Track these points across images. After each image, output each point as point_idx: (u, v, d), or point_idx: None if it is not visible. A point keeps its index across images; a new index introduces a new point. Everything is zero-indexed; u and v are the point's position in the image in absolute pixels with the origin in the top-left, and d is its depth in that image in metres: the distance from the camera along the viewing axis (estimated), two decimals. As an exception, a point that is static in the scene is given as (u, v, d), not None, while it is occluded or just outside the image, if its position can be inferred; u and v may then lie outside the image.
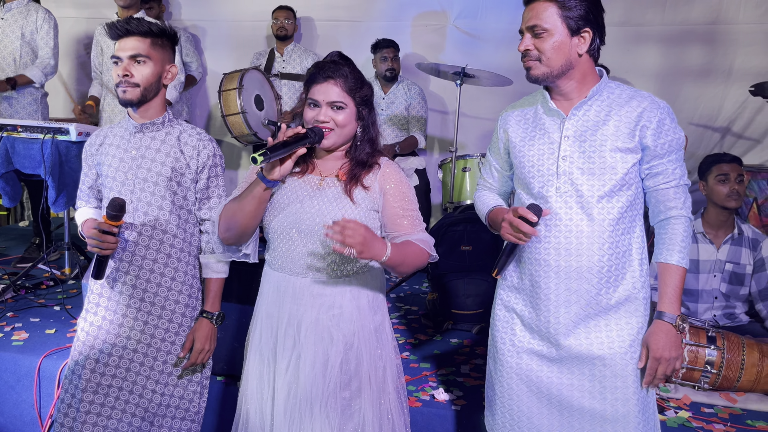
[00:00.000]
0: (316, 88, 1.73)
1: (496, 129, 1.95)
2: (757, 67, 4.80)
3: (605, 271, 1.72)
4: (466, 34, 5.19)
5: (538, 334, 1.79)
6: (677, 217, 1.74)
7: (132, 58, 1.94)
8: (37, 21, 4.07)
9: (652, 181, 1.75)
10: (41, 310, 3.35)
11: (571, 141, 1.73)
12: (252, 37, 5.30)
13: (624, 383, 1.73)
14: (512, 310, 1.84)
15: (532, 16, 1.70)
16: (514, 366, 1.81)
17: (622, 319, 1.74)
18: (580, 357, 1.74)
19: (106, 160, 2.05)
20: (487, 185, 2.01)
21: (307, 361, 1.74)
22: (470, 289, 3.30)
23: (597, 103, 1.74)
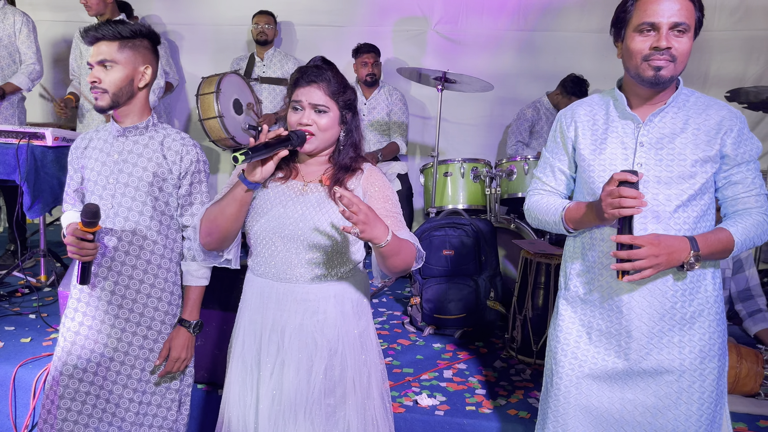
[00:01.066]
0: (300, 92, 1.72)
1: (559, 127, 1.84)
2: (732, 73, 4.90)
3: (680, 283, 1.67)
4: (447, 39, 5.22)
5: (605, 348, 1.73)
6: (757, 213, 1.66)
7: (100, 63, 1.91)
8: (15, 24, 4.00)
9: (731, 190, 1.69)
10: (16, 318, 3.28)
11: (647, 148, 1.67)
12: (232, 42, 5.28)
13: (690, 399, 1.69)
14: (576, 322, 1.77)
15: (678, 11, 1.57)
16: (575, 382, 1.75)
17: (696, 334, 1.69)
18: (649, 372, 1.70)
19: (89, 163, 2.02)
20: (546, 189, 1.87)
21: (291, 367, 1.73)
22: (452, 293, 3.30)
23: (674, 110, 1.69)
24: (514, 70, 5.13)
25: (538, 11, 5.09)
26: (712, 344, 1.70)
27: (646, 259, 1.54)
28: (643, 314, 1.68)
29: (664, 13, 1.57)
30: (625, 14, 1.66)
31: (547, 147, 1.89)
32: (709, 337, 1.69)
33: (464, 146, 5.21)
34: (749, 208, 1.67)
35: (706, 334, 1.69)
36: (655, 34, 1.59)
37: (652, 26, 1.59)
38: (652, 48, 1.59)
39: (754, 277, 3.06)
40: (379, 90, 4.75)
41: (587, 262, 1.76)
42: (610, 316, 1.72)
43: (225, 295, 2.62)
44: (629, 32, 1.65)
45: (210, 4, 5.26)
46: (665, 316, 1.67)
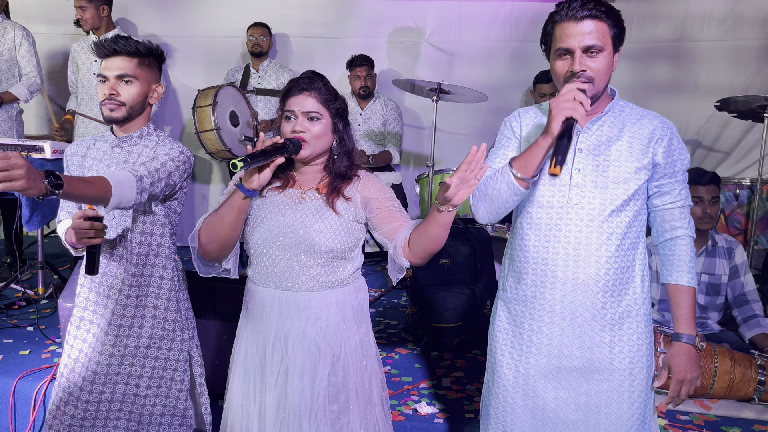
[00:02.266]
0: (292, 100, 1.76)
1: (506, 125, 1.89)
2: (721, 82, 4.98)
3: (611, 285, 1.72)
4: (440, 50, 5.27)
5: (536, 348, 1.77)
6: (683, 237, 1.76)
7: (119, 77, 1.96)
8: (15, 39, 4.04)
9: (660, 200, 1.77)
10: (14, 330, 3.28)
11: (585, 154, 1.73)
12: (225, 54, 5.30)
13: (620, 398, 1.73)
14: (512, 322, 1.82)
15: (589, 34, 1.64)
16: (511, 379, 1.79)
17: (625, 335, 1.74)
18: (580, 371, 1.74)
19: (88, 173, 2.05)
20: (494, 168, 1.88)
21: (295, 374, 1.75)
22: (449, 302, 3.33)
23: (610, 119, 1.76)
24: (507, 80, 5.19)
25: (529, 22, 5.15)
26: (641, 344, 1.76)
27: (684, 395, 1.74)
28: (574, 314, 1.73)
29: (576, 38, 1.64)
30: (547, 38, 1.75)
31: (495, 145, 1.89)
32: (637, 338, 1.75)
33: (458, 156, 5.24)
34: (674, 221, 1.76)
35: (635, 334, 1.75)
36: (570, 59, 1.67)
37: (566, 51, 1.67)
38: (568, 72, 1.67)
39: (749, 283, 3.09)
40: (374, 101, 4.79)
41: (517, 268, 1.81)
42: (541, 317, 1.76)
43: (224, 305, 2.64)
44: (552, 54, 1.74)
45: (204, 16, 5.29)
46: (596, 316, 1.73)
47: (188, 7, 5.29)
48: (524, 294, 1.79)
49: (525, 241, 1.79)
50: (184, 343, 2.11)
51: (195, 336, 2.17)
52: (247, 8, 5.17)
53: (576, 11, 1.65)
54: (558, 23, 1.69)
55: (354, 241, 1.79)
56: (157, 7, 5.31)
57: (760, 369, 2.66)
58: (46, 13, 5.26)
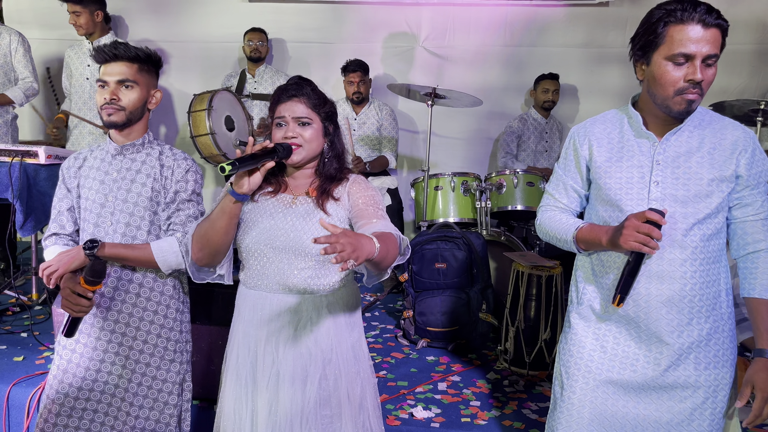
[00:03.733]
0: (281, 107, 1.77)
1: (572, 145, 1.83)
2: (716, 86, 4.91)
3: (696, 300, 1.66)
4: (435, 55, 5.29)
5: (620, 363, 1.72)
6: (767, 250, 1.69)
7: (119, 82, 1.96)
8: (10, 44, 4.05)
9: (741, 211, 1.69)
10: (8, 336, 3.26)
11: (663, 166, 1.66)
12: (221, 59, 5.31)
13: (702, 415, 1.70)
14: (591, 336, 1.76)
15: (713, 43, 1.53)
16: (589, 395, 1.74)
17: (711, 351, 1.69)
18: (664, 388, 1.70)
19: (86, 182, 2.04)
20: (559, 206, 1.87)
21: (287, 377, 1.74)
22: (445, 306, 3.33)
23: (689, 129, 1.68)
24: (501, 84, 5.21)
25: (523, 26, 5.18)
26: (725, 361, 1.70)
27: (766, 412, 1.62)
28: (660, 332, 1.67)
29: (699, 44, 1.52)
30: (655, 38, 1.59)
31: (560, 163, 1.87)
32: (723, 354, 1.70)
33: (453, 160, 5.27)
34: (757, 234, 1.68)
35: (720, 350, 1.70)
36: (689, 65, 1.55)
37: (686, 57, 1.54)
38: (687, 80, 1.55)
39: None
40: (368, 106, 4.80)
41: (602, 285, 1.76)
42: (625, 334, 1.72)
43: (217, 310, 2.64)
44: (658, 59, 1.59)
45: (199, 21, 5.29)
46: (683, 333, 1.67)
47: (184, 13, 5.30)
48: (606, 313, 1.74)
49: (606, 256, 1.74)
50: (182, 366, 2.10)
51: (190, 360, 2.16)
52: (243, 14, 5.18)
53: (704, 16, 1.53)
54: (676, 24, 1.54)
55: None
56: (153, 13, 5.31)
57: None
58: (40, 18, 5.26)
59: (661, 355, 1.68)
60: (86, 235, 2.02)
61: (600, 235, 1.67)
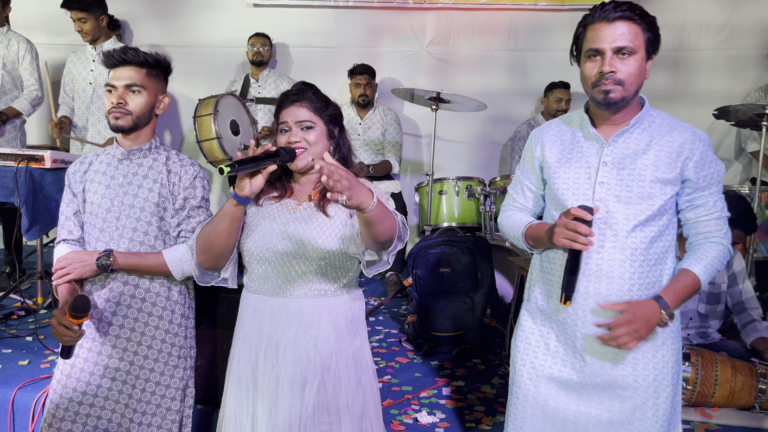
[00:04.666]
0: (284, 113, 1.77)
1: (528, 146, 1.90)
2: (721, 91, 5.00)
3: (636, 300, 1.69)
4: (439, 59, 5.30)
5: (561, 360, 1.77)
6: (716, 243, 1.72)
7: (127, 87, 1.97)
8: (18, 51, 4.09)
9: (693, 213, 1.73)
10: (13, 340, 3.26)
11: (609, 167, 1.71)
12: (225, 64, 5.33)
13: (644, 415, 1.71)
14: (536, 333, 1.82)
15: (621, 35, 1.63)
16: (532, 390, 1.79)
17: (649, 351, 1.71)
18: (603, 387, 1.72)
19: (91, 187, 2.05)
20: (516, 205, 1.95)
21: (286, 382, 1.74)
22: (449, 311, 3.32)
23: (638, 131, 1.72)
24: (505, 88, 5.22)
25: (527, 31, 5.18)
26: (666, 361, 1.72)
27: (628, 335, 1.60)
28: (598, 330, 1.68)
29: (607, 38, 1.63)
30: (578, 40, 1.73)
31: (519, 165, 1.95)
32: (662, 355, 1.72)
33: (457, 164, 5.27)
34: (710, 231, 1.72)
35: (660, 351, 1.72)
36: (601, 60, 1.65)
37: (597, 52, 1.65)
38: (598, 73, 1.65)
39: (747, 291, 3.10)
40: (373, 110, 4.81)
41: (547, 280, 1.81)
42: (565, 330, 1.76)
43: (221, 314, 2.64)
44: (582, 57, 1.72)
45: (205, 26, 5.31)
46: None
47: (189, 17, 5.32)
48: (549, 307, 1.79)
49: (551, 254, 1.79)
50: (185, 371, 2.10)
51: (193, 366, 2.16)
52: (247, 18, 5.20)
53: (608, 12, 1.64)
54: (590, 25, 1.68)
55: (348, 242, 1.75)
56: (158, 17, 5.34)
57: (761, 377, 2.65)
58: (46, 23, 5.29)
59: (596, 353, 1.71)
60: (92, 239, 2.03)
61: (542, 232, 1.74)
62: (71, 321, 1.79)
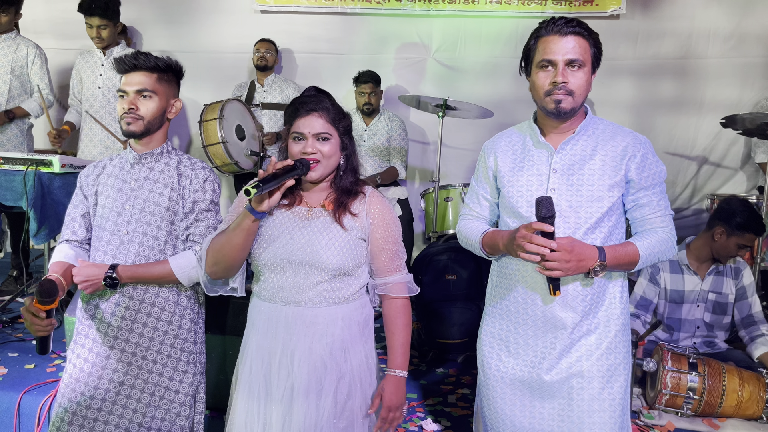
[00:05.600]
0: (300, 122, 1.76)
1: (482, 157, 1.99)
2: (727, 99, 4.99)
3: (588, 299, 1.78)
4: (446, 66, 5.30)
5: (522, 359, 1.83)
6: (662, 231, 1.80)
7: (138, 92, 1.98)
8: (27, 56, 4.11)
9: (639, 212, 1.82)
10: (20, 344, 3.27)
11: (560, 174, 1.79)
12: (233, 69, 5.34)
13: (602, 406, 1.78)
14: (498, 336, 1.89)
15: (572, 48, 1.72)
16: (498, 390, 1.87)
17: (603, 343, 1.79)
18: (561, 381, 1.79)
19: (104, 190, 2.06)
20: (473, 214, 2.02)
21: (301, 390, 1.74)
22: (455, 318, 3.32)
23: (584, 138, 1.81)
24: (512, 95, 5.21)
25: (534, 38, 5.18)
26: (618, 352, 1.81)
27: (558, 263, 1.64)
28: (556, 327, 1.78)
29: (560, 50, 1.72)
30: (530, 52, 1.81)
31: (474, 176, 2.03)
32: (615, 346, 1.80)
33: (463, 171, 5.27)
34: (656, 227, 1.80)
35: (612, 343, 1.80)
36: (553, 70, 1.74)
37: (550, 62, 1.74)
38: (551, 83, 1.73)
39: (756, 305, 3.09)
40: (379, 117, 4.82)
41: (505, 285, 1.88)
42: (525, 330, 1.83)
43: (229, 320, 2.64)
44: (533, 68, 1.79)
45: (212, 32, 5.34)
46: (575, 329, 1.78)
47: (197, 23, 5.35)
48: (508, 309, 1.86)
49: (507, 258, 1.86)
50: (195, 377, 2.10)
51: (204, 371, 2.16)
52: (255, 24, 5.23)
53: (561, 27, 1.74)
54: (542, 37, 1.77)
55: (360, 258, 1.79)
56: (166, 23, 5.37)
57: (769, 388, 2.63)
58: (55, 28, 5.33)
59: (556, 339, 1.79)
60: (102, 243, 2.03)
61: (498, 239, 1.81)
62: (38, 307, 1.77)
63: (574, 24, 1.74)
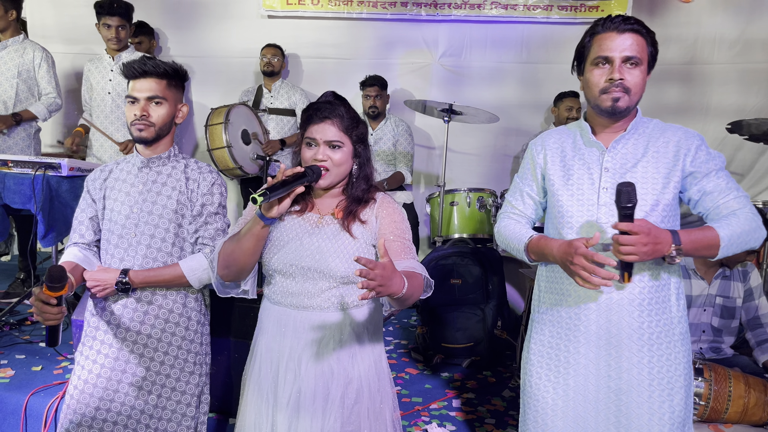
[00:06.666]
0: (314, 128, 1.76)
1: (529, 154, 1.93)
2: (733, 105, 4.99)
3: (646, 304, 1.71)
4: (451, 71, 5.32)
5: (575, 369, 1.76)
6: (741, 210, 1.66)
7: (149, 99, 2.00)
8: (34, 60, 4.13)
9: (709, 200, 1.70)
10: (26, 346, 3.30)
11: (611, 173, 1.74)
12: (240, 74, 5.37)
13: (662, 420, 1.71)
14: (548, 344, 1.82)
15: (629, 45, 1.69)
16: (550, 402, 1.79)
17: (663, 354, 1.73)
18: (618, 392, 1.72)
19: (111, 194, 2.08)
20: (516, 212, 1.95)
21: (308, 395, 1.74)
22: (460, 322, 3.32)
23: (635, 137, 1.78)
24: (517, 101, 5.23)
25: (540, 44, 5.20)
26: (678, 363, 1.74)
27: (635, 246, 1.53)
28: (609, 334, 1.72)
29: (617, 47, 1.69)
30: (584, 50, 1.79)
31: (519, 173, 1.97)
32: (675, 357, 1.74)
33: (469, 176, 5.28)
34: (733, 210, 1.67)
35: (672, 353, 1.74)
36: (610, 67, 1.71)
37: (606, 60, 1.71)
38: (607, 80, 1.70)
39: (764, 306, 3.07)
40: (385, 121, 4.83)
41: (555, 290, 1.82)
42: (577, 338, 1.76)
43: (237, 323, 2.65)
44: (588, 66, 1.76)
45: (220, 37, 5.37)
46: (632, 336, 1.71)
47: (205, 28, 5.38)
48: (559, 316, 1.80)
49: (559, 270, 1.79)
50: (201, 378, 2.12)
51: (209, 373, 2.17)
52: (262, 29, 5.26)
53: (618, 24, 1.70)
54: (598, 35, 1.74)
55: None
56: (174, 28, 5.41)
57: (775, 394, 2.62)
58: (63, 33, 5.36)
59: (611, 349, 1.72)
60: (110, 246, 2.05)
61: (547, 250, 1.74)
62: (48, 294, 1.76)
63: (632, 21, 1.70)
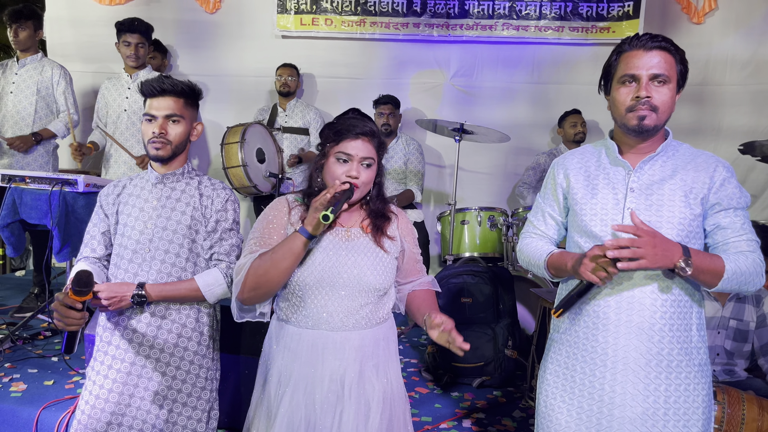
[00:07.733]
0: (349, 144, 1.75)
1: (551, 174, 1.92)
2: (745, 126, 4.99)
3: (666, 330, 1.67)
4: (462, 91, 5.36)
5: (589, 391, 1.73)
6: (750, 254, 1.65)
7: (167, 117, 2.04)
8: (53, 77, 4.22)
9: (721, 234, 1.69)
10: (39, 360, 3.32)
11: (637, 194, 1.71)
12: (254, 93, 5.44)
13: (666, 429, 1.67)
14: (564, 364, 1.79)
15: (657, 63, 1.66)
16: (563, 424, 1.76)
17: (682, 383, 1.69)
18: (632, 419, 1.68)
19: (125, 209, 2.10)
20: (537, 233, 1.94)
21: (351, 415, 1.72)
22: (470, 341, 3.28)
23: (663, 159, 1.74)
24: (528, 120, 5.26)
25: (551, 65, 5.24)
26: (697, 393, 1.69)
27: (644, 249, 1.53)
28: (627, 358, 1.68)
29: (644, 65, 1.67)
30: (610, 68, 1.77)
31: (541, 193, 1.96)
32: (693, 387, 1.69)
33: (480, 195, 5.30)
34: (742, 251, 1.66)
35: (691, 384, 1.69)
36: (636, 85, 1.68)
37: (633, 78, 1.69)
38: (634, 98, 1.68)
39: None
40: (396, 140, 4.87)
41: (574, 309, 1.79)
42: (593, 360, 1.72)
43: (248, 339, 2.66)
44: (614, 84, 1.75)
45: (234, 56, 5.45)
46: (651, 362, 1.67)
47: (220, 48, 5.47)
48: (577, 336, 1.77)
49: (576, 282, 1.77)
50: (211, 393, 2.13)
51: (218, 388, 2.18)
52: (276, 49, 5.33)
53: (646, 42, 1.68)
54: (625, 53, 1.72)
55: (393, 277, 1.84)
56: (190, 47, 5.49)
57: (790, 418, 2.59)
58: (82, 51, 5.46)
59: (628, 373, 1.68)
60: (124, 261, 2.07)
61: (566, 261, 1.74)
62: (74, 299, 1.76)
63: (660, 39, 1.68)
